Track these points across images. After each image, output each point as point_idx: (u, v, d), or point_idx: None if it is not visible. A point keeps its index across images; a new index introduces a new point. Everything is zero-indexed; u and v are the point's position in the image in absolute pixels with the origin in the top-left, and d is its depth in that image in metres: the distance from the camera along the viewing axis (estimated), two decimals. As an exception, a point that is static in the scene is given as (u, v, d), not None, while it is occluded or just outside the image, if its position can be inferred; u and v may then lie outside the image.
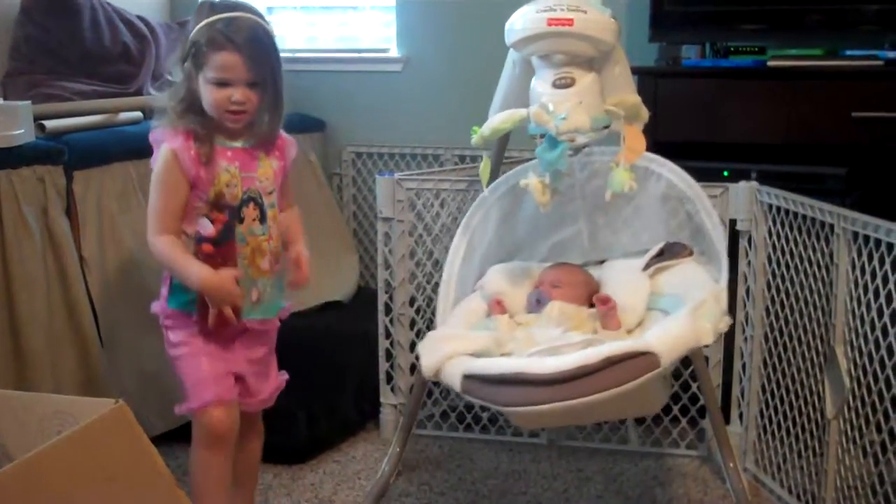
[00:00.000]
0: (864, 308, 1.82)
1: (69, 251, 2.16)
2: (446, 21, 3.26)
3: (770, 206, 2.15)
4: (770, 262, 2.17)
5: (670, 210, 1.93)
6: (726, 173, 2.53)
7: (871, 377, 1.81)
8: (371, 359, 2.53)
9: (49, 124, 2.26)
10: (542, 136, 1.75)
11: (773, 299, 2.17)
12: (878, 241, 1.77)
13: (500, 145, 2.13)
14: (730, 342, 2.32)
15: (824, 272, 1.97)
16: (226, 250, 1.73)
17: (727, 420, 2.32)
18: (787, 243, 2.09)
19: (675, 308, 1.70)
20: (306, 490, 2.27)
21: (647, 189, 1.89)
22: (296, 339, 1.90)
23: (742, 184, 2.22)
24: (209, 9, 1.71)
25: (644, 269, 1.89)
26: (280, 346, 1.91)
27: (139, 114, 2.54)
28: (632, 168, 1.75)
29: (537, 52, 1.77)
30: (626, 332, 1.76)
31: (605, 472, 2.35)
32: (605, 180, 1.85)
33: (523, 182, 1.83)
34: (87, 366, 2.19)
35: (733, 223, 2.23)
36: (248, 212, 1.76)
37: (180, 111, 1.72)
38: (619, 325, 1.74)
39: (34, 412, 1.57)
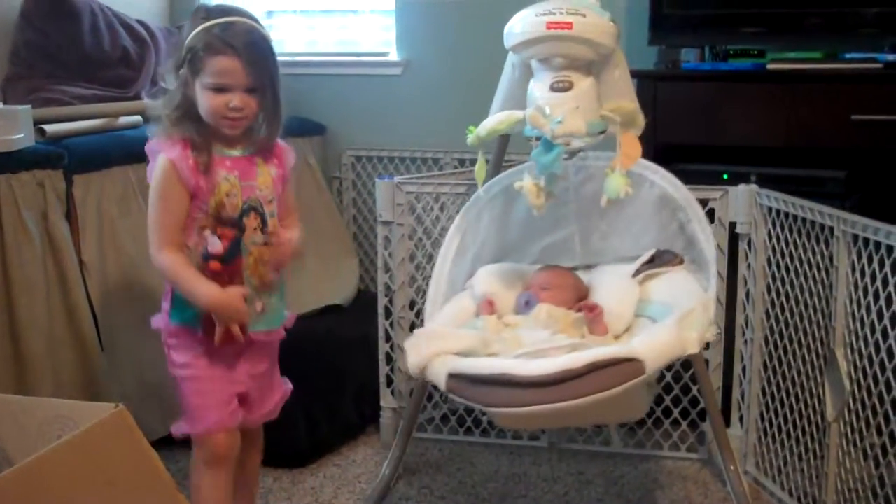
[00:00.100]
0: (864, 311, 1.82)
1: (69, 255, 2.16)
2: (446, 25, 3.26)
3: (770, 209, 2.15)
4: (770, 265, 2.17)
5: (662, 217, 1.93)
6: (726, 176, 2.54)
7: (871, 380, 1.81)
8: (371, 362, 2.53)
9: (49, 128, 2.26)
10: (538, 138, 1.75)
11: (773, 302, 2.17)
12: (877, 244, 1.77)
13: (500, 148, 2.13)
14: (730, 345, 2.32)
15: (824, 275, 1.97)
16: (233, 267, 1.70)
17: (728, 423, 2.32)
18: (787, 246, 2.09)
19: (662, 315, 1.70)
20: (307, 494, 2.27)
21: (640, 195, 1.89)
22: (296, 342, 1.89)
23: (742, 187, 2.22)
24: (205, 14, 1.67)
25: (634, 276, 1.88)
26: (280, 349, 1.90)
27: (139, 118, 2.54)
28: (627, 174, 1.75)
29: (536, 55, 1.77)
30: (614, 337, 1.75)
31: (606, 476, 2.35)
32: (599, 184, 1.85)
33: (518, 184, 1.83)
34: (87, 370, 2.19)
35: (733, 226, 2.24)
36: (250, 221, 1.71)
37: (176, 119, 1.68)
38: (606, 331, 1.73)
39: (34, 416, 1.57)
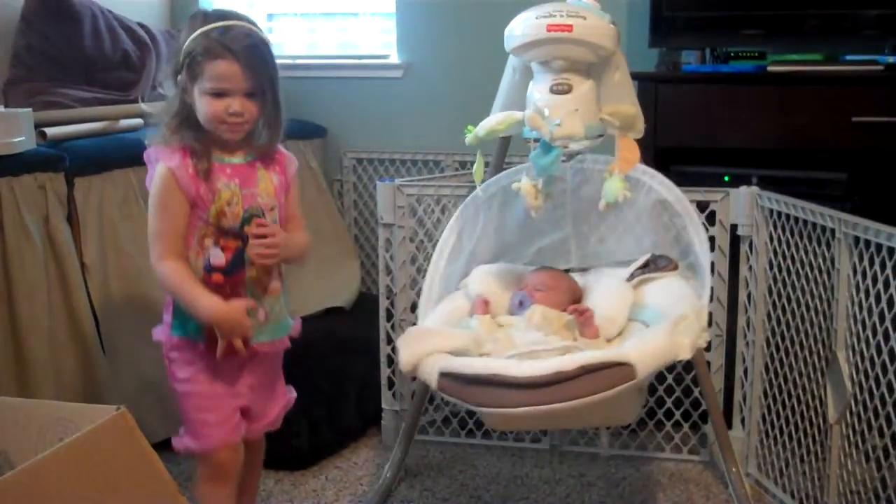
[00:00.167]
0: (866, 312, 1.82)
1: (70, 258, 2.16)
2: (446, 27, 3.26)
3: (771, 211, 2.15)
4: (771, 267, 2.17)
5: (659, 223, 1.92)
6: (727, 178, 2.54)
7: (873, 382, 1.81)
8: (373, 364, 2.53)
9: (50, 131, 2.27)
10: (537, 140, 1.75)
11: (774, 304, 2.17)
12: (879, 246, 1.77)
13: (501, 150, 2.13)
14: (731, 347, 2.32)
15: (825, 277, 1.97)
16: (236, 279, 1.67)
17: (729, 425, 2.32)
18: (789, 248, 2.09)
19: (655, 321, 1.70)
20: (308, 496, 2.26)
21: (637, 200, 1.88)
22: (297, 344, 1.89)
23: (743, 189, 2.22)
24: (203, 18, 1.64)
25: (628, 280, 1.88)
26: (282, 352, 1.89)
27: (140, 121, 2.54)
28: (625, 178, 1.75)
29: (537, 58, 1.77)
30: (606, 341, 1.74)
31: (608, 478, 2.35)
32: (596, 187, 1.85)
33: (515, 185, 1.83)
34: (89, 372, 2.19)
35: (734, 228, 2.23)
36: (251, 230, 1.68)
37: (174, 126, 1.65)
38: (597, 334, 1.73)
39: (36, 419, 1.57)
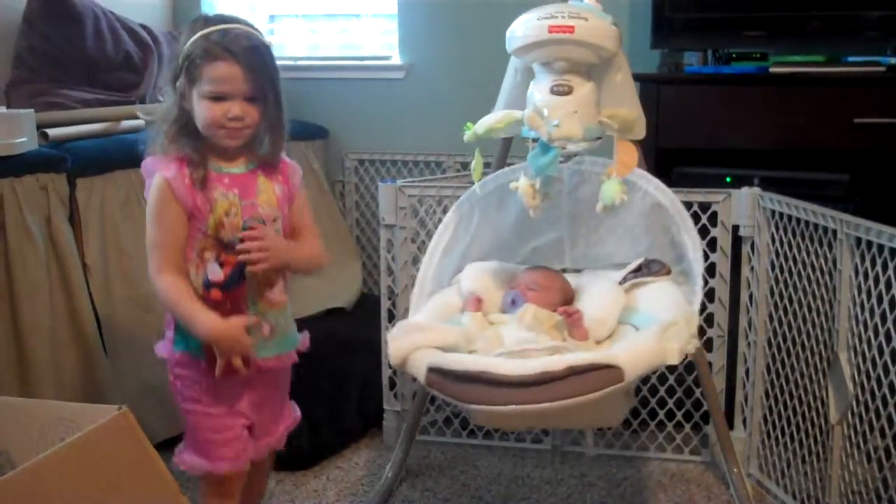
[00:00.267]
0: (868, 313, 1.82)
1: (72, 259, 2.16)
2: (448, 28, 3.27)
3: (773, 212, 2.15)
4: (773, 268, 2.17)
5: (653, 227, 1.92)
6: (729, 179, 2.54)
7: (874, 382, 1.81)
8: (374, 365, 2.53)
9: (52, 132, 2.27)
10: (535, 140, 1.75)
11: (776, 305, 2.17)
12: (880, 247, 1.77)
13: (503, 151, 2.13)
14: (733, 348, 2.32)
15: (827, 278, 1.97)
16: (236, 295, 1.62)
17: (731, 425, 2.32)
18: (790, 249, 2.09)
19: (646, 324, 1.69)
20: (309, 496, 2.26)
21: (632, 204, 1.88)
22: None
23: (745, 190, 2.22)
24: (203, 22, 1.60)
25: (621, 283, 1.88)
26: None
27: (142, 122, 2.54)
28: (622, 181, 1.74)
29: (538, 59, 1.77)
30: (596, 342, 1.74)
31: (609, 478, 2.35)
32: (592, 189, 1.85)
33: (513, 185, 1.83)
34: (90, 373, 2.20)
35: (736, 229, 2.24)
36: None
37: (172, 134, 1.60)
38: (586, 336, 1.72)
39: (37, 419, 1.57)
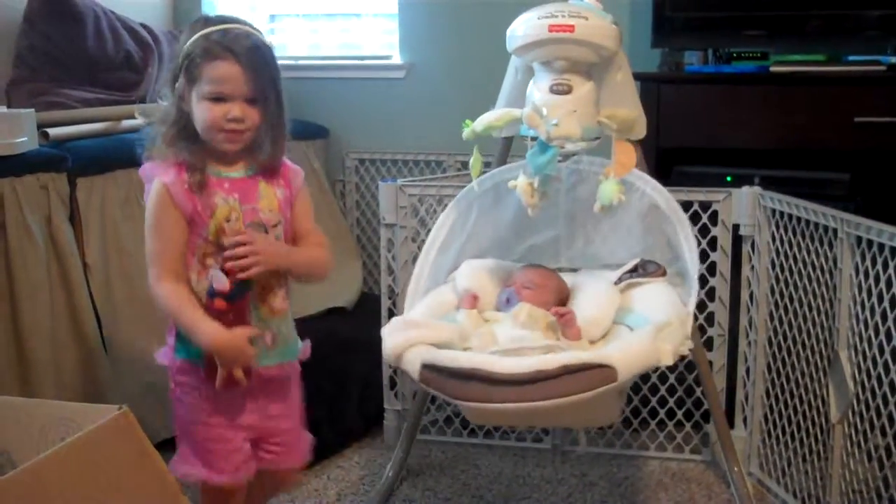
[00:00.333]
0: (868, 312, 1.82)
1: (73, 258, 2.16)
2: (449, 28, 3.26)
3: (773, 211, 2.15)
4: (773, 267, 2.17)
5: (650, 228, 1.91)
6: (729, 179, 2.54)
7: (875, 381, 1.81)
8: (375, 364, 2.53)
9: (52, 132, 2.27)
10: (534, 139, 1.75)
11: (776, 304, 2.17)
12: (881, 246, 1.77)
13: (503, 150, 2.13)
14: (734, 347, 2.32)
15: (828, 277, 1.97)
16: (240, 306, 1.58)
17: (731, 424, 2.32)
18: (791, 248, 2.09)
19: (640, 325, 1.68)
20: (310, 496, 2.26)
21: (629, 204, 1.87)
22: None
23: (745, 189, 2.22)
24: (203, 22, 1.57)
25: (616, 283, 1.88)
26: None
27: (142, 122, 2.54)
28: (620, 181, 1.74)
29: (539, 58, 1.77)
30: (590, 342, 1.74)
31: (610, 477, 2.35)
32: (590, 188, 1.85)
33: (512, 183, 1.83)
34: (91, 372, 2.20)
35: (736, 228, 2.23)
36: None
37: (171, 137, 1.57)
38: (579, 336, 1.72)
39: (38, 419, 1.57)
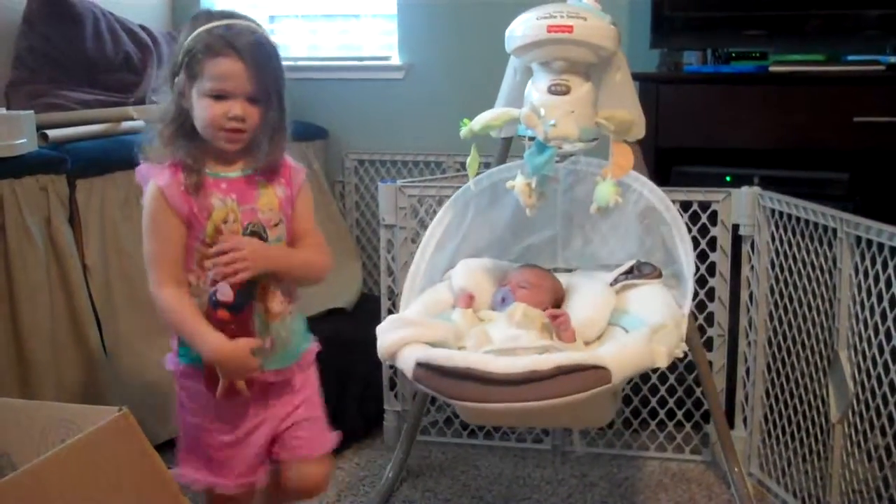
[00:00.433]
0: (868, 312, 1.82)
1: (72, 260, 2.16)
2: (447, 29, 3.27)
3: (773, 211, 2.15)
4: (773, 267, 2.17)
5: (646, 230, 1.91)
6: (729, 179, 2.54)
7: (875, 381, 1.81)
8: (374, 365, 2.52)
9: (52, 133, 2.27)
10: (532, 139, 1.75)
11: (776, 304, 2.17)
12: (880, 246, 1.77)
13: (503, 151, 2.13)
14: (734, 347, 2.32)
15: (827, 276, 1.97)
16: (243, 316, 1.55)
17: (731, 425, 2.32)
18: (790, 248, 2.09)
19: (635, 327, 1.69)
20: (310, 497, 2.26)
21: (626, 206, 1.88)
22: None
23: (745, 189, 2.22)
24: (206, 16, 1.52)
25: (612, 284, 1.88)
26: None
27: (141, 122, 2.54)
28: (617, 183, 1.74)
29: (537, 58, 1.77)
30: (584, 343, 1.74)
31: (610, 478, 2.35)
32: (587, 189, 1.85)
33: (510, 183, 1.83)
34: (91, 374, 2.20)
35: (736, 228, 2.23)
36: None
37: (169, 135, 1.53)
38: (573, 338, 1.72)
39: (37, 420, 1.57)
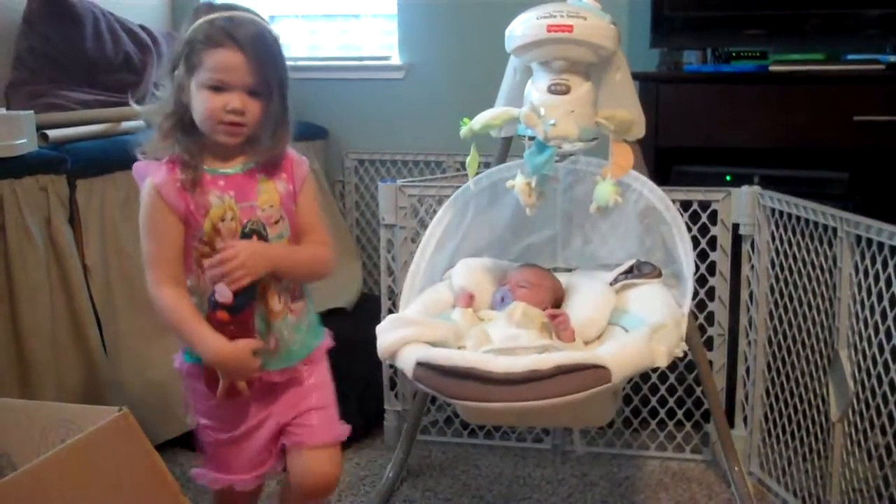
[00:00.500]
0: (868, 311, 1.82)
1: (72, 260, 2.16)
2: (447, 28, 3.27)
3: (773, 211, 2.15)
4: (773, 266, 2.17)
5: (646, 229, 1.91)
6: (729, 178, 2.54)
7: (875, 380, 1.81)
8: (374, 365, 2.52)
9: (52, 134, 2.27)
10: (532, 138, 1.75)
11: (776, 303, 2.17)
12: (880, 245, 1.77)
13: (502, 151, 2.13)
14: (734, 346, 2.32)
15: (827, 276, 1.97)
16: (243, 318, 1.53)
17: (732, 424, 2.32)
18: (791, 247, 2.09)
19: (635, 326, 1.69)
20: (310, 497, 2.26)
21: (626, 205, 1.87)
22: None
23: (745, 188, 2.22)
24: (207, 8, 1.49)
25: (612, 284, 1.88)
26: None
27: (142, 122, 2.54)
28: (616, 183, 1.74)
29: (537, 58, 1.77)
30: (584, 343, 1.74)
31: (610, 477, 2.35)
32: (586, 188, 1.85)
33: (510, 183, 1.83)
34: (91, 374, 2.20)
35: (736, 227, 2.23)
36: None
37: (167, 129, 1.50)
38: (573, 337, 1.72)
39: (38, 420, 1.57)
